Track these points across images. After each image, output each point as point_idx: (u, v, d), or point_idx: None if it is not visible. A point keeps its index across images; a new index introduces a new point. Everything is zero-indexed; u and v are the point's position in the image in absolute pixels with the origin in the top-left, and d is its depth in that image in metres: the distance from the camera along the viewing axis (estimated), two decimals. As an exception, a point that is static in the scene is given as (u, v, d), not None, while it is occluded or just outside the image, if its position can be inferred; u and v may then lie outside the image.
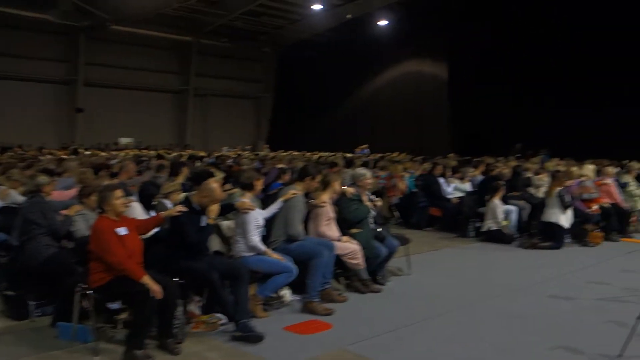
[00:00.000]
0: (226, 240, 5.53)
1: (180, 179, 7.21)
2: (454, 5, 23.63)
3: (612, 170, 10.14)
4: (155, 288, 4.03)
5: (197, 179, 5.85)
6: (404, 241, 6.76)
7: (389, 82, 30.52)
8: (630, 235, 9.32)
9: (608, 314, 5.13)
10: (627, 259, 7.74)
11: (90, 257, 4.26)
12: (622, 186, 10.05)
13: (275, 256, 5.16)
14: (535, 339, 4.52)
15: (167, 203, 5.59)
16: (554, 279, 6.58)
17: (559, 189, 8.33)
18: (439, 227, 10.35)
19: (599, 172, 10.13)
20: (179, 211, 4.61)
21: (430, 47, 26.62)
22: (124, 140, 30.21)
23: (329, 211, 5.78)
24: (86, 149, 21.48)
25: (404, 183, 11.07)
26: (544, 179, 10.14)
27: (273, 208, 5.50)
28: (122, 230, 4.25)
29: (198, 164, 13.38)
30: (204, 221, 4.71)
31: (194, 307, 4.82)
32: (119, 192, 4.37)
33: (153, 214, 5.38)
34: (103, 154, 18.41)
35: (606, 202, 9.24)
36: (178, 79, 34.45)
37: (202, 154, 20.72)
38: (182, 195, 5.56)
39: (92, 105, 29.63)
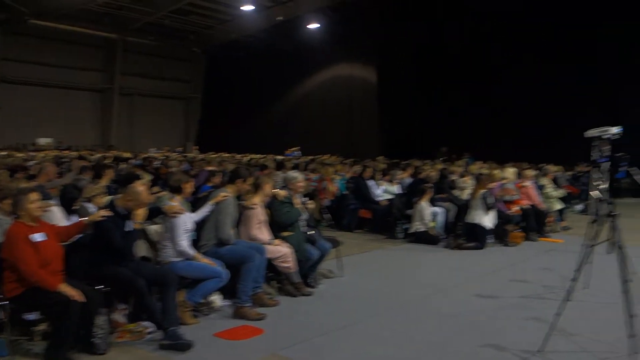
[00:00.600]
0: (154, 246, 5.34)
1: (104, 182, 6.91)
2: (383, 11, 24.12)
3: (531, 173, 10.65)
4: (73, 293, 3.83)
5: (122, 182, 5.63)
6: (335, 243, 6.79)
7: (320, 85, 30.75)
8: (547, 235, 9.81)
9: (529, 311, 5.35)
10: (545, 257, 8.12)
11: (4, 265, 3.98)
12: (540, 188, 10.57)
13: (205, 261, 5.04)
14: (465, 337, 4.65)
15: (90, 207, 5.33)
16: (479, 278, 6.80)
17: (482, 191, 8.64)
18: (368, 229, 10.49)
19: (519, 175, 10.61)
20: (103, 215, 4.40)
21: (360, 51, 27.02)
22: (43, 141, 28.69)
23: (260, 214, 5.72)
24: (1, 150, 20.28)
25: (335, 185, 11.16)
26: (468, 182, 10.50)
27: (203, 211, 5.37)
28: (37, 237, 4.00)
29: (123, 165, 12.93)
30: (129, 226, 4.53)
31: (119, 316, 4.62)
32: (34, 196, 4.09)
33: (75, 218, 5.10)
34: (20, 154, 17.45)
35: (526, 203, 9.68)
36: (102, 77, 33.19)
37: (128, 155, 20.08)
38: (107, 198, 5.32)
39: (9, 103, 28.00)
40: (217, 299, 5.24)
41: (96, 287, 4.27)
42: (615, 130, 11.23)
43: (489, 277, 6.85)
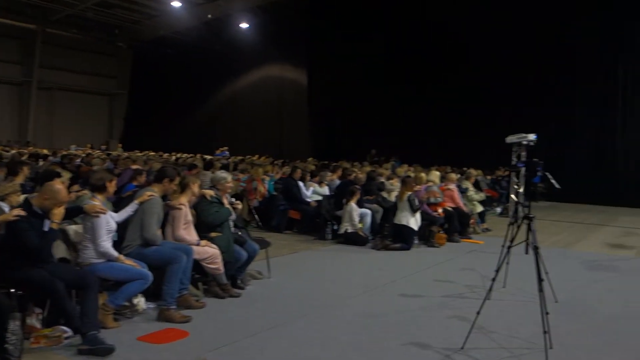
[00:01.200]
0: (73, 246, 5.10)
1: (20, 179, 6.54)
2: (313, 13, 24.27)
3: (454, 176, 11.03)
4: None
5: (39, 180, 5.34)
6: (264, 244, 6.76)
7: (251, 85, 30.54)
8: (469, 237, 10.19)
9: (452, 310, 5.53)
10: (467, 258, 8.43)
11: None
12: (463, 191, 10.97)
13: (129, 262, 4.86)
14: (389, 336, 4.72)
15: (4, 206, 5.02)
16: (404, 278, 6.95)
17: (409, 193, 8.86)
18: (298, 229, 10.52)
19: (443, 178, 10.96)
20: (17, 215, 4.16)
21: (291, 52, 27.05)
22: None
23: (187, 214, 5.59)
24: None
25: (264, 186, 11.10)
26: (395, 184, 10.75)
27: (127, 211, 5.18)
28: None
29: (41, 163, 12.29)
30: (46, 225, 4.29)
31: (34, 320, 4.38)
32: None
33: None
34: None
35: (449, 205, 10.02)
36: (20, 70, 31.46)
37: (46, 152, 19.12)
38: (22, 197, 5.03)
39: None
40: (141, 302, 5.08)
41: (9, 291, 4.03)
42: (532, 137, 11.87)
43: (414, 277, 7.02)
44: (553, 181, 5.33)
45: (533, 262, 4.60)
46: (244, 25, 27.40)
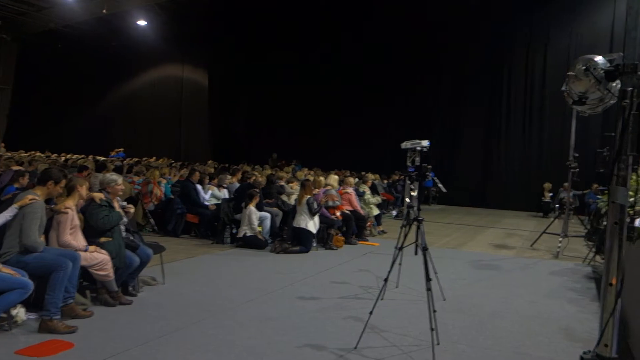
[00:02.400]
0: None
1: None
2: (214, 13, 23.92)
3: (352, 180, 11.30)
4: None
5: None
6: (158, 249, 6.54)
7: (150, 84, 29.47)
8: (366, 239, 10.47)
9: (347, 311, 5.64)
10: (363, 259, 8.65)
11: None
12: (360, 195, 11.26)
13: (6, 270, 4.51)
14: (285, 339, 4.73)
15: None
16: (302, 281, 7.01)
17: (307, 197, 8.96)
18: (195, 233, 10.29)
19: (341, 182, 11.19)
20: None
21: (192, 52, 26.49)
22: None
23: (73, 218, 5.28)
24: None
25: (161, 189, 10.76)
26: (295, 188, 10.82)
27: (4, 215, 4.80)
28: None
29: None
30: None
31: None
32: None
33: None
34: None
35: (347, 209, 10.24)
36: None
37: None
38: None
39: None
40: (20, 312, 4.73)
41: None
42: (425, 143, 12.36)
43: (311, 280, 7.09)
44: (440, 185, 5.63)
45: (422, 262, 4.82)
46: (141, 23, 26.40)
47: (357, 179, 12.94)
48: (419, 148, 13.62)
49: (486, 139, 19.56)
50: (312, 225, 8.96)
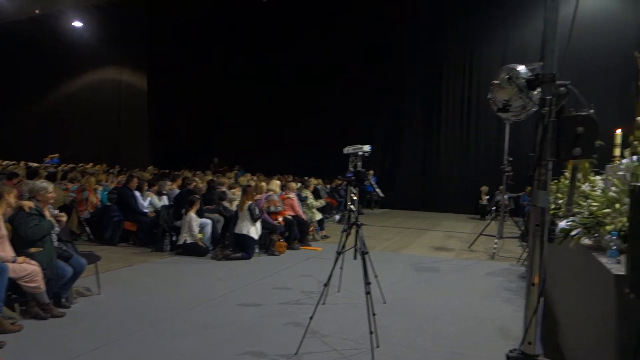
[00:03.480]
0: None
1: None
2: (151, 14, 23.47)
3: (294, 185, 11.31)
4: None
5: None
6: (93, 258, 6.32)
7: (86, 87, 28.53)
8: (308, 244, 10.49)
9: (289, 317, 5.63)
10: (306, 264, 8.66)
11: None
12: (302, 200, 11.27)
13: None
14: (226, 347, 4.67)
15: None
16: (244, 287, 6.94)
17: (249, 202, 8.90)
18: (134, 241, 10.03)
19: (283, 187, 11.17)
20: None
21: (130, 55, 25.86)
22: None
23: (0, 228, 5.04)
24: None
25: (97, 196, 10.43)
26: (237, 193, 10.71)
27: None
28: None
29: None
30: None
31: None
32: None
33: None
34: None
35: (289, 214, 10.23)
36: None
37: None
38: None
39: None
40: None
41: None
42: (366, 148, 12.48)
43: (253, 286, 7.04)
44: (378, 190, 5.69)
45: (369, 268, 4.89)
46: (77, 24, 25.57)
47: (299, 184, 12.96)
48: (360, 153, 13.86)
49: (426, 144, 20.06)
50: (254, 231, 8.90)
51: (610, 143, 5.59)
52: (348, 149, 13.62)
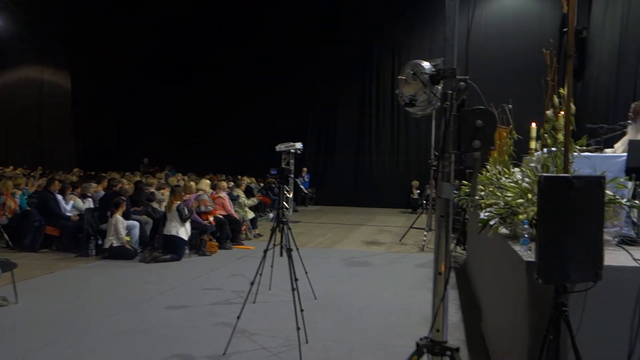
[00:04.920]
0: None
1: None
2: (73, 10, 22.58)
3: (225, 184, 11.19)
4: None
5: None
6: (8, 266, 6.01)
7: (5, 87, 26.98)
8: (241, 243, 10.40)
9: (218, 317, 5.55)
10: (237, 264, 8.58)
11: None
12: (234, 199, 11.16)
13: None
14: (152, 352, 4.55)
15: None
16: (173, 290, 6.80)
17: (178, 203, 8.72)
18: (57, 247, 9.60)
19: (214, 187, 11.02)
20: None
21: (52, 53, 24.70)
22: None
23: None
24: None
25: (15, 201, 9.91)
26: (166, 194, 10.47)
27: None
28: None
29: None
30: None
31: None
32: None
33: None
34: None
35: (220, 213, 10.10)
36: None
37: None
38: None
39: None
40: None
41: None
42: (298, 145, 12.53)
43: (182, 288, 6.90)
44: (302, 186, 5.70)
45: (296, 263, 4.90)
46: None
47: (232, 183, 12.83)
48: (292, 150, 13.93)
49: (358, 140, 20.35)
50: (184, 232, 8.73)
51: (527, 136, 5.87)
52: (280, 147, 13.59)
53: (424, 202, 15.02)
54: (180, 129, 21.44)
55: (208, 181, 11.04)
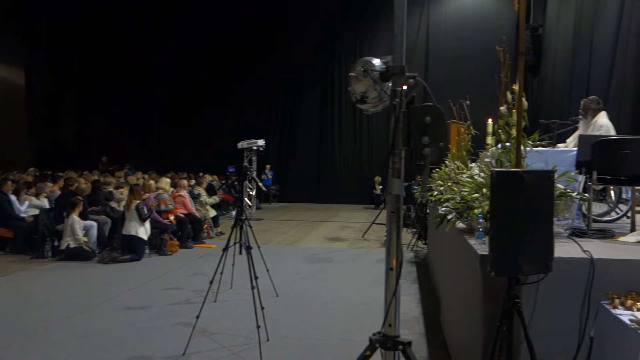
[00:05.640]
0: None
1: None
2: (30, 7, 21.91)
3: (185, 182, 11.05)
4: None
5: None
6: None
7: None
8: (202, 241, 10.28)
9: (178, 317, 5.48)
10: (198, 263, 8.49)
11: None
12: (195, 197, 11.03)
13: None
14: (109, 354, 4.46)
15: None
16: (132, 290, 6.68)
17: (137, 202, 8.57)
18: (11, 249, 9.31)
19: (175, 185, 10.87)
20: None
21: (4, 49, 23.86)
22: None
23: None
24: None
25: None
26: (125, 193, 10.27)
27: None
28: None
29: None
30: None
31: None
32: None
33: None
34: None
35: (181, 212, 9.98)
36: None
37: None
38: None
39: None
40: None
41: None
42: (261, 142, 12.47)
43: (141, 289, 6.79)
44: (260, 184, 5.70)
45: (257, 261, 4.88)
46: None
47: (193, 181, 12.68)
48: (255, 147, 13.86)
49: (321, 137, 20.41)
50: (143, 231, 8.59)
51: (485, 132, 5.98)
52: (242, 144, 13.50)
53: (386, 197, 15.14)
54: (141, 126, 21.07)
55: (168, 179, 10.88)
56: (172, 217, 9.58)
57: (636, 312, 2.59)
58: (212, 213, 11.41)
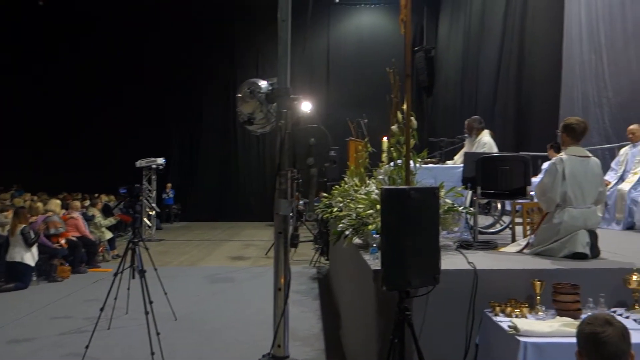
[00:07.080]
0: None
1: None
2: None
3: (78, 204, 10.47)
4: None
5: None
6: None
7: None
8: (97, 265, 9.78)
9: (66, 348, 5.14)
10: (92, 288, 8.02)
11: None
12: (89, 219, 10.49)
13: None
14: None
15: None
16: (16, 321, 6.20)
17: (22, 226, 8.01)
18: None
19: (66, 207, 10.29)
20: None
21: None
22: None
23: None
24: None
25: None
26: (10, 216, 9.56)
27: None
28: None
29: None
30: None
31: None
32: None
33: None
34: None
35: (73, 235, 9.44)
36: None
37: None
38: None
39: None
40: None
41: None
42: (160, 161, 12.13)
43: (27, 319, 6.32)
44: (153, 205, 5.54)
45: (154, 284, 4.69)
46: None
47: (87, 202, 12.05)
48: (154, 166, 13.42)
49: (223, 154, 20.25)
50: (30, 257, 8.02)
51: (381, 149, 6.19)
52: (141, 162, 13.06)
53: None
54: (30, 145, 19.74)
55: (58, 201, 10.26)
56: (62, 241, 9.02)
57: (514, 319, 2.76)
58: (108, 235, 10.89)
